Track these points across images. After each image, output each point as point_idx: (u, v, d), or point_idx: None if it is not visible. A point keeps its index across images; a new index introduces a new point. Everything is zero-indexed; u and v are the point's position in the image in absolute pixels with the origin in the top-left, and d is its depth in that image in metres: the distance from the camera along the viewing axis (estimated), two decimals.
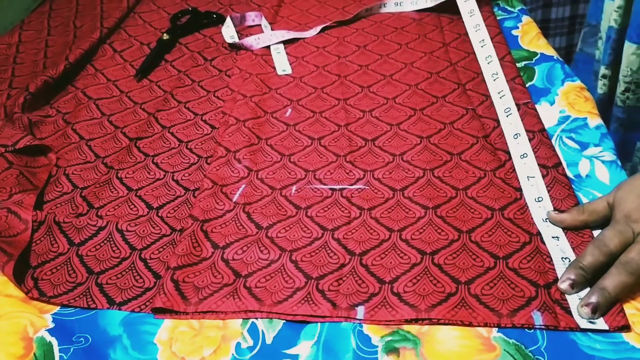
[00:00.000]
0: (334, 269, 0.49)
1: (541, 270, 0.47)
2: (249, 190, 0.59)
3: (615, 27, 0.88)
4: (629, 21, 0.85)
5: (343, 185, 0.58)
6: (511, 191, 0.56)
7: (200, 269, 0.50)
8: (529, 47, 0.80)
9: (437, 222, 0.53)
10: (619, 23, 0.87)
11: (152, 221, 0.56)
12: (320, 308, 0.46)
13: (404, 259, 0.50)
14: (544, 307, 0.44)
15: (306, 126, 0.68)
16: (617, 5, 0.86)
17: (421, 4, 0.92)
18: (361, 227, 0.53)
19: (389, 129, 0.66)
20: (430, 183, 0.58)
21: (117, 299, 0.48)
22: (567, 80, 0.72)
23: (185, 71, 0.81)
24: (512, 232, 0.51)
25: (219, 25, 0.92)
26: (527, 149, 0.59)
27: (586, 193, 0.56)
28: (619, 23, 0.87)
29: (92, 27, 0.93)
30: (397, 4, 0.93)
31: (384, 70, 0.78)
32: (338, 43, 0.86)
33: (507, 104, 0.65)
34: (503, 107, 0.65)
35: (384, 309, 0.46)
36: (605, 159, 0.59)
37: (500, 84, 0.69)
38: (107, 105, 0.75)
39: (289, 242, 0.52)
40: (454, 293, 0.46)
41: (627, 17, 0.86)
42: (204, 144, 0.66)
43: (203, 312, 0.47)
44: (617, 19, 0.87)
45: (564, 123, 0.65)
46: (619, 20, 0.87)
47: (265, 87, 0.76)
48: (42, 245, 0.54)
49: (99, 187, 0.60)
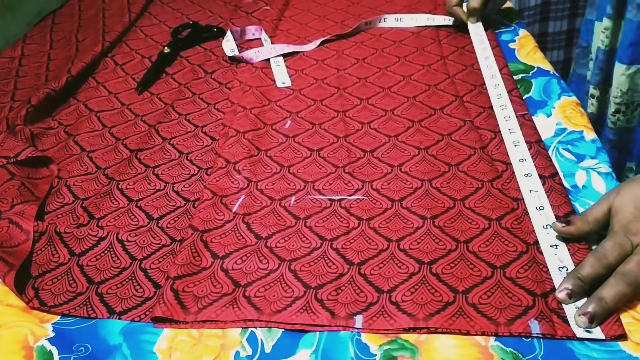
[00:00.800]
0: (332, 279, 0.50)
1: (538, 279, 0.48)
2: (248, 201, 0.59)
3: (603, 48, 0.89)
4: (618, 42, 0.86)
5: (342, 196, 0.59)
6: (508, 201, 0.56)
7: (200, 278, 0.50)
8: (525, 60, 0.81)
9: (435, 232, 0.54)
10: (606, 44, 0.88)
11: (152, 231, 0.56)
12: (318, 317, 0.46)
13: (402, 268, 0.50)
14: (541, 315, 0.45)
15: (305, 138, 0.69)
16: (605, 26, 0.87)
17: (422, 21, 0.93)
18: (360, 237, 0.54)
19: (388, 140, 0.67)
20: (428, 193, 0.58)
21: (117, 309, 0.49)
22: (563, 94, 0.72)
23: (185, 84, 0.82)
24: (510, 242, 0.52)
25: (220, 39, 0.94)
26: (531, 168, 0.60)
27: (583, 203, 0.56)
28: (606, 44, 0.88)
29: (94, 40, 0.95)
30: (398, 20, 0.95)
31: (383, 83, 0.79)
32: (337, 56, 0.87)
33: (516, 137, 0.65)
34: (508, 132, 0.65)
35: (382, 318, 0.46)
36: (601, 170, 0.60)
37: (508, 111, 0.69)
38: (109, 118, 0.75)
39: (288, 252, 0.53)
40: (451, 302, 0.47)
41: (615, 39, 0.87)
42: (204, 156, 0.67)
43: (202, 321, 0.47)
44: (604, 40, 0.88)
45: (560, 135, 0.66)
46: (607, 41, 0.88)
47: (265, 99, 0.77)
48: (43, 255, 0.54)
49: (100, 198, 0.61)
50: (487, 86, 0.74)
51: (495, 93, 0.72)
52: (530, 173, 0.59)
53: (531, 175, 0.59)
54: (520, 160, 0.60)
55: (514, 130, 0.65)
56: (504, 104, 0.70)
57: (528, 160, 0.60)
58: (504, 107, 0.69)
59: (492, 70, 0.77)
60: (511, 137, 0.64)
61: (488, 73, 0.77)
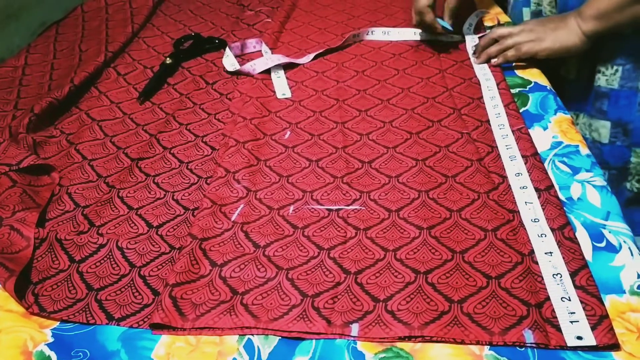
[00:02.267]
0: (329, 287, 0.50)
1: (533, 289, 0.48)
2: (247, 210, 0.60)
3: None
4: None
5: (339, 206, 0.60)
6: (504, 213, 0.57)
7: (198, 286, 0.51)
8: (523, 74, 0.82)
9: (431, 242, 0.54)
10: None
11: (151, 239, 0.57)
12: (315, 325, 0.47)
13: (399, 277, 0.51)
14: (535, 325, 0.45)
15: (304, 148, 0.69)
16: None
17: (408, 35, 0.95)
18: (357, 247, 0.54)
19: (386, 151, 0.68)
20: (425, 204, 0.59)
21: (116, 315, 0.49)
22: (559, 111, 0.73)
23: (187, 94, 0.83)
24: (505, 253, 0.52)
25: (221, 50, 0.95)
26: (527, 181, 0.60)
27: (577, 215, 0.57)
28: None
29: (97, 51, 0.96)
30: (385, 33, 0.96)
31: (382, 95, 0.79)
32: (337, 68, 0.88)
33: (513, 152, 0.65)
34: (505, 148, 0.66)
35: (378, 327, 0.46)
36: (596, 183, 0.60)
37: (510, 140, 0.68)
38: (110, 127, 0.76)
39: (285, 260, 0.53)
40: (447, 311, 0.47)
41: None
42: (204, 165, 0.67)
43: (200, 328, 0.47)
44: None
45: (556, 148, 0.66)
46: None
47: (265, 110, 0.78)
48: (44, 261, 0.55)
49: (101, 206, 0.62)
50: (485, 100, 0.75)
51: (493, 112, 0.73)
52: (526, 186, 0.60)
53: (527, 187, 0.59)
54: (517, 175, 0.61)
55: (510, 146, 0.66)
56: (501, 123, 0.70)
57: (524, 174, 0.61)
58: (501, 126, 0.70)
59: (490, 85, 0.78)
60: (508, 152, 0.65)
61: (485, 86, 0.78)
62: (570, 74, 0.87)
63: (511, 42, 0.81)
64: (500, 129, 0.69)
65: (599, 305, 0.47)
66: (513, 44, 0.81)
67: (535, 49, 0.79)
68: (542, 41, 0.79)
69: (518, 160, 0.64)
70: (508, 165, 0.63)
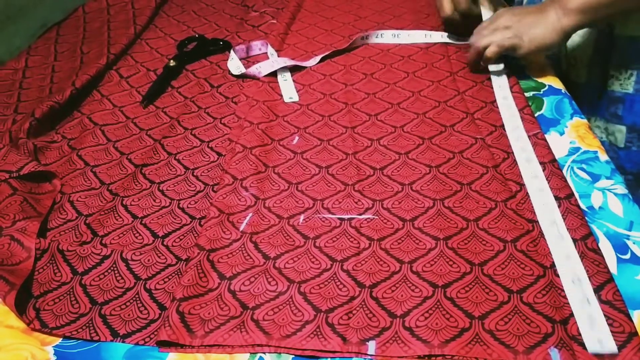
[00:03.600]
0: (343, 302, 0.48)
1: (557, 305, 0.46)
2: (256, 219, 0.58)
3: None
4: None
5: (351, 215, 0.57)
6: (523, 222, 0.55)
7: (207, 300, 0.49)
8: (537, 78, 0.80)
9: (448, 253, 0.52)
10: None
11: (157, 250, 0.55)
12: (330, 343, 0.45)
13: (415, 292, 0.49)
14: (561, 343, 0.43)
15: (313, 154, 0.67)
16: None
17: (419, 38, 0.93)
18: (371, 258, 0.52)
19: (398, 157, 0.66)
20: (441, 213, 0.57)
21: (121, 331, 0.47)
22: (575, 115, 0.71)
23: (191, 98, 0.81)
24: (526, 265, 0.50)
25: (226, 52, 0.93)
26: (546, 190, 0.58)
27: (600, 225, 0.55)
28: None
29: (99, 53, 0.94)
30: (395, 36, 0.94)
31: (392, 99, 0.77)
32: (345, 71, 0.86)
33: (530, 158, 0.64)
34: (522, 156, 0.64)
35: (396, 344, 0.44)
36: (617, 192, 0.58)
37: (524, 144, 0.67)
38: (113, 132, 0.74)
39: (297, 273, 0.51)
40: (467, 328, 0.45)
41: None
42: (210, 172, 0.65)
43: (209, 345, 0.45)
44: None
45: (574, 154, 0.64)
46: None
47: (272, 114, 0.75)
48: (45, 274, 0.53)
49: (104, 215, 0.60)
50: (499, 105, 0.73)
51: (508, 114, 0.71)
52: (543, 188, 0.58)
53: (543, 190, 0.57)
54: (539, 190, 0.59)
55: (527, 152, 0.64)
56: (516, 124, 0.68)
57: (543, 183, 0.59)
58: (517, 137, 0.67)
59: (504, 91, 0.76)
60: (524, 157, 0.63)
61: (500, 93, 0.76)
62: (580, 79, 0.85)
63: (486, 41, 0.77)
64: (515, 135, 0.67)
65: (628, 322, 0.44)
66: (488, 43, 0.77)
67: (512, 49, 0.76)
68: (520, 40, 0.75)
69: (535, 166, 0.61)
70: (525, 172, 0.61)
